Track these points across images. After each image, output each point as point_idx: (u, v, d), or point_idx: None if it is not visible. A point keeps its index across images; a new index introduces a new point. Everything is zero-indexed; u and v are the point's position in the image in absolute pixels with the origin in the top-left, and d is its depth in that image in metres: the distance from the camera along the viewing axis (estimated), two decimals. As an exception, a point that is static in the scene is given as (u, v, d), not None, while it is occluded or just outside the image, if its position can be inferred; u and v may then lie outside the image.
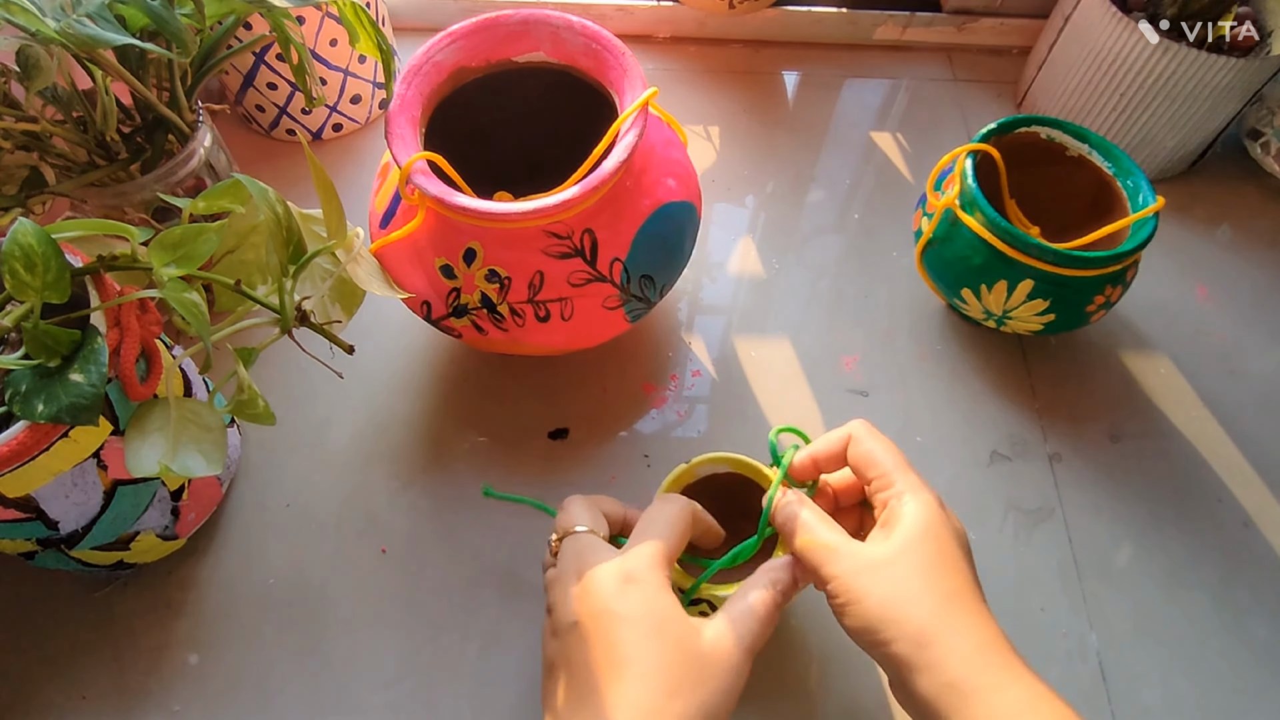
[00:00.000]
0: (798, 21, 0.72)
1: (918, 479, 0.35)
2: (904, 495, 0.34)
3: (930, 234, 0.52)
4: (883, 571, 0.32)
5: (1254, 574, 0.47)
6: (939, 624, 0.31)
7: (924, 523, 0.33)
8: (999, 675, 0.30)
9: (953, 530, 0.34)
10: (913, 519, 0.33)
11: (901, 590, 0.31)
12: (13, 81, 0.39)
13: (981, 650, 0.30)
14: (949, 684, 0.30)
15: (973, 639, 0.31)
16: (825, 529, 0.35)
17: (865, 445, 0.36)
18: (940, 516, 0.34)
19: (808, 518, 0.35)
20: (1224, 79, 0.56)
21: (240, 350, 0.36)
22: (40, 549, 0.39)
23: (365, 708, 0.42)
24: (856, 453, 0.37)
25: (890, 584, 0.32)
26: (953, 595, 0.31)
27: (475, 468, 0.49)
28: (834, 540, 0.34)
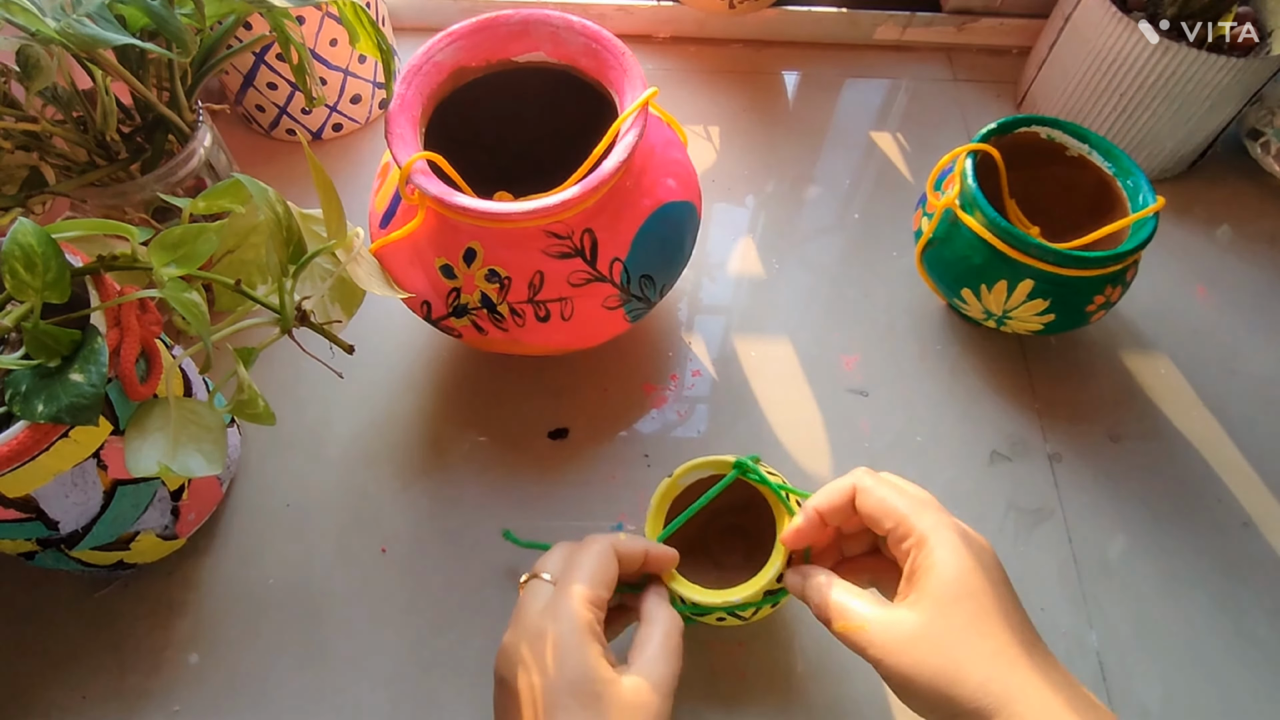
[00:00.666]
0: (798, 21, 0.72)
1: (936, 517, 0.33)
2: (926, 543, 0.32)
3: (930, 234, 0.52)
4: (924, 644, 0.30)
5: (1253, 574, 0.47)
6: (997, 691, 0.29)
7: (955, 573, 0.31)
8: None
9: (985, 567, 0.31)
10: (943, 572, 0.31)
11: (946, 665, 0.29)
12: (13, 81, 0.39)
13: (1047, 706, 0.28)
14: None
15: (1035, 698, 0.29)
16: (857, 602, 0.33)
17: (875, 495, 0.34)
18: (969, 559, 0.31)
19: (839, 599, 0.33)
20: (1224, 79, 0.56)
21: (240, 350, 0.36)
22: (40, 549, 0.39)
23: (365, 707, 0.42)
24: (866, 504, 0.34)
25: (936, 656, 0.30)
26: (999, 656, 0.29)
27: (475, 468, 0.49)
28: (868, 617, 0.32)
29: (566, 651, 0.32)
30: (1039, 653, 0.30)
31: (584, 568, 0.34)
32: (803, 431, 0.52)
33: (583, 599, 0.33)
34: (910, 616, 0.31)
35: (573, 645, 0.32)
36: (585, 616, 0.33)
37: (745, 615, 0.39)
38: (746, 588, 0.37)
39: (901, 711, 0.42)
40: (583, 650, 0.32)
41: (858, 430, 0.52)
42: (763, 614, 0.40)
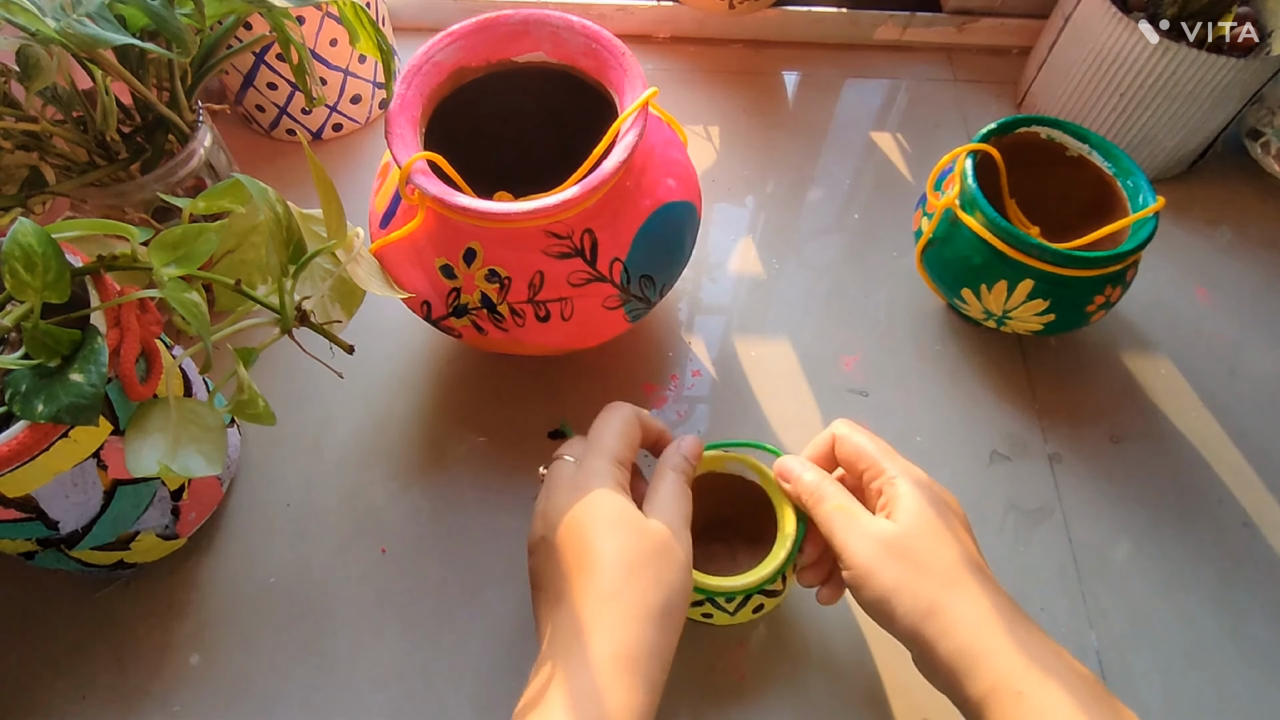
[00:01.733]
0: (798, 21, 0.72)
1: (905, 462, 0.38)
2: (895, 479, 0.37)
3: (930, 234, 0.52)
4: (891, 548, 0.35)
5: (1254, 575, 0.47)
6: (945, 595, 0.33)
7: (920, 500, 0.36)
8: (1005, 638, 0.32)
9: (947, 504, 0.37)
10: (910, 498, 0.36)
11: (908, 565, 0.34)
12: (13, 81, 0.39)
13: (986, 616, 0.33)
14: (958, 649, 0.32)
15: (977, 606, 0.33)
16: (837, 491, 0.38)
17: (851, 441, 0.39)
18: (933, 493, 0.37)
19: (829, 488, 0.38)
20: (1224, 79, 0.56)
21: (240, 350, 0.36)
22: (40, 549, 0.39)
23: (366, 707, 0.42)
24: (844, 450, 0.39)
25: (898, 560, 0.34)
26: (955, 566, 0.34)
27: (475, 468, 0.49)
28: (855, 507, 0.37)
29: (600, 496, 0.35)
30: (986, 573, 0.35)
31: (609, 430, 0.38)
32: (803, 431, 0.51)
33: (609, 457, 0.37)
34: (883, 525, 0.36)
35: (604, 491, 0.35)
36: (614, 472, 0.36)
37: (730, 609, 0.39)
38: (749, 574, 0.38)
39: (902, 711, 0.42)
40: (615, 495, 0.35)
41: (858, 430, 0.52)
42: (743, 616, 0.39)
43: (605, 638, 0.32)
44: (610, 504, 0.35)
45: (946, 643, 0.33)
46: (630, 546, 0.34)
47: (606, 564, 0.33)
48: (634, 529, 0.34)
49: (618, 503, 0.35)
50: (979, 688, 0.32)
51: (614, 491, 0.35)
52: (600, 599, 0.32)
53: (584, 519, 0.35)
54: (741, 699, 0.43)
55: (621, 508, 0.35)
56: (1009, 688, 0.31)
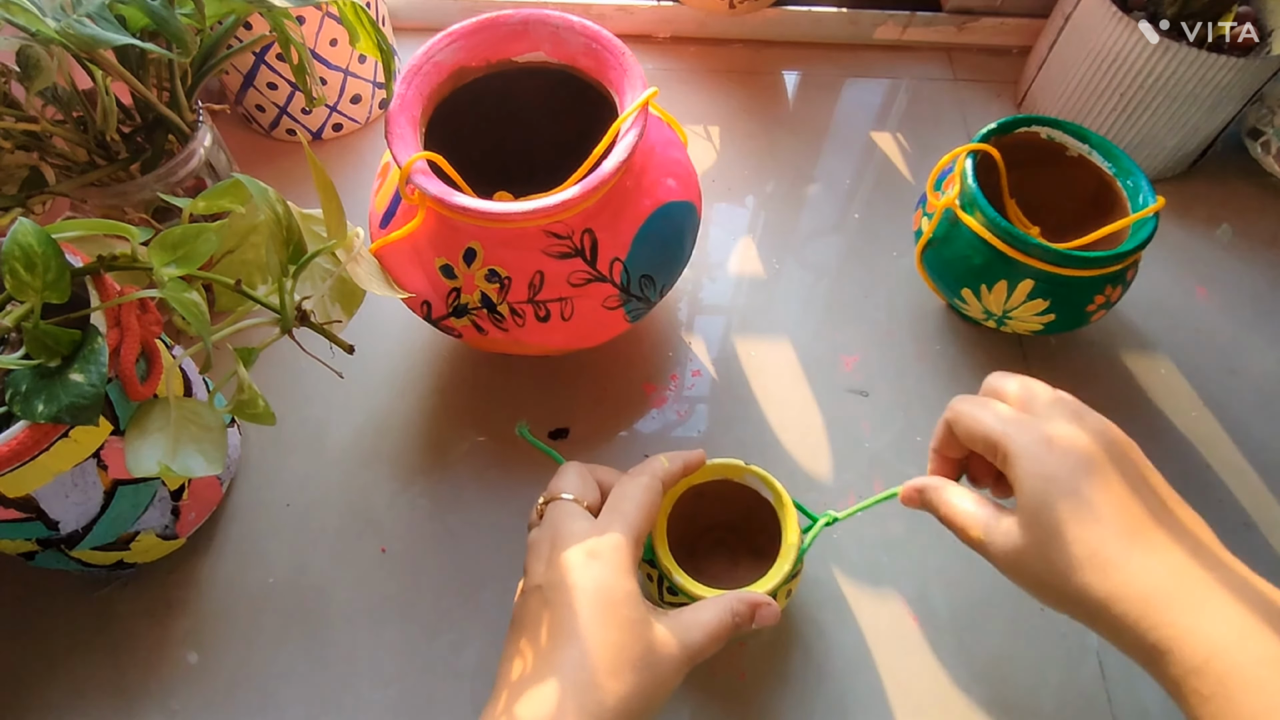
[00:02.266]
0: (798, 21, 0.72)
1: (1016, 427, 0.32)
2: (1009, 454, 0.32)
3: (930, 234, 0.52)
4: (1023, 555, 0.31)
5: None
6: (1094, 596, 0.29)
7: (1036, 481, 0.31)
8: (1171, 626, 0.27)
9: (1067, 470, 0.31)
10: (1025, 482, 0.31)
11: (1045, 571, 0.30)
12: (13, 81, 0.39)
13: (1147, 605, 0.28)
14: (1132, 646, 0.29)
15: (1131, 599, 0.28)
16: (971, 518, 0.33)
17: (964, 422, 0.34)
18: (1048, 468, 0.31)
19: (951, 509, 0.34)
20: (1224, 79, 0.56)
21: (240, 350, 0.36)
22: (40, 549, 0.39)
23: (365, 707, 0.42)
24: (961, 433, 0.35)
25: (1034, 567, 0.31)
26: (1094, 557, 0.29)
27: (475, 468, 0.49)
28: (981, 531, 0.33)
29: (614, 574, 0.32)
30: (1141, 541, 0.29)
31: (635, 500, 0.35)
32: (803, 431, 0.51)
33: (631, 533, 0.34)
34: (1015, 527, 0.31)
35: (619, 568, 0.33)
36: (632, 552, 0.34)
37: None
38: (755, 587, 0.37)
39: (903, 711, 0.42)
40: (627, 577, 0.33)
41: (858, 430, 0.52)
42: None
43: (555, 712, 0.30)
44: (617, 587, 0.32)
45: (1120, 640, 0.29)
46: (622, 645, 0.31)
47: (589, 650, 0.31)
48: (633, 625, 0.32)
49: (625, 589, 0.32)
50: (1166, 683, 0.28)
51: (628, 577, 0.33)
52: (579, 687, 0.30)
53: (584, 590, 0.32)
54: (742, 699, 0.43)
55: (626, 593, 0.32)
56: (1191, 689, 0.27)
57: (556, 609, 0.32)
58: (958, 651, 0.44)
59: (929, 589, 0.46)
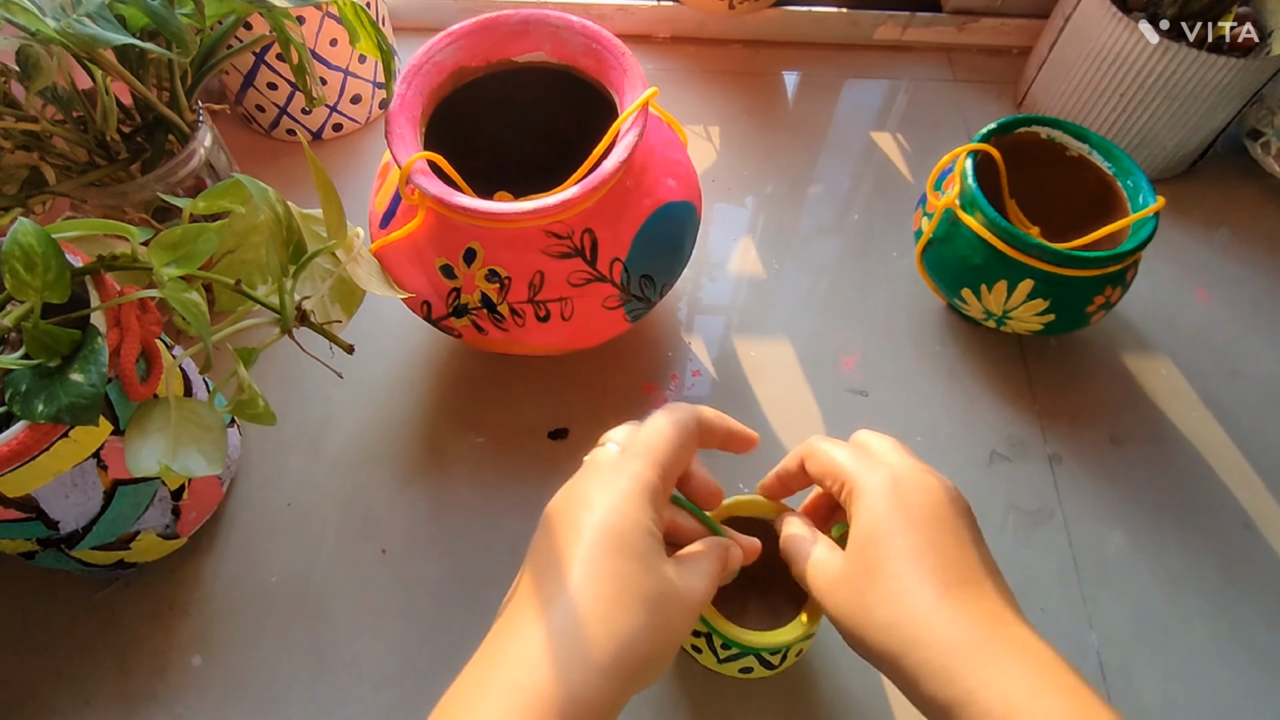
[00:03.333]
0: (798, 21, 0.72)
1: (869, 465, 0.32)
2: (856, 490, 0.32)
3: (930, 234, 0.52)
4: (841, 590, 0.31)
5: (1254, 576, 0.47)
6: (904, 634, 0.28)
7: (872, 517, 0.31)
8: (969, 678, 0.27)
9: (907, 508, 0.30)
10: (861, 517, 0.31)
11: (859, 604, 0.30)
12: (13, 81, 0.39)
13: (950, 655, 0.28)
14: (928, 697, 0.28)
15: (936, 646, 0.28)
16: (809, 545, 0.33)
17: (817, 458, 0.34)
18: (890, 502, 0.31)
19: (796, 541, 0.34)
20: (1224, 79, 0.56)
21: (240, 350, 0.36)
22: (40, 549, 0.39)
23: (367, 706, 0.42)
24: (813, 468, 0.34)
25: (850, 603, 0.30)
26: (910, 593, 0.29)
27: (475, 468, 0.49)
28: (813, 560, 0.33)
29: (625, 500, 0.30)
30: (953, 594, 0.29)
31: (659, 431, 0.32)
32: (803, 432, 0.51)
33: (650, 459, 0.31)
34: (838, 561, 0.32)
35: (632, 494, 0.30)
36: (646, 475, 0.30)
37: (720, 655, 0.38)
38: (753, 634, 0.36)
39: (903, 711, 0.42)
40: (640, 506, 0.30)
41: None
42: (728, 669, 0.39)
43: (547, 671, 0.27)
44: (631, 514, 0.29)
45: (916, 690, 0.28)
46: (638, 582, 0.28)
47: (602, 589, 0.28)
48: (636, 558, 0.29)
49: (638, 519, 0.29)
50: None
51: (641, 508, 0.30)
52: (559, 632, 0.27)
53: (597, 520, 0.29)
54: (742, 698, 0.43)
55: (637, 527, 0.29)
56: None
57: (562, 535, 0.30)
58: (958, 652, 0.44)
59: (929, 589, 0.46)
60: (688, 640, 0.39)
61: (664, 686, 0.43)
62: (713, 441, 0.35)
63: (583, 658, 0.27)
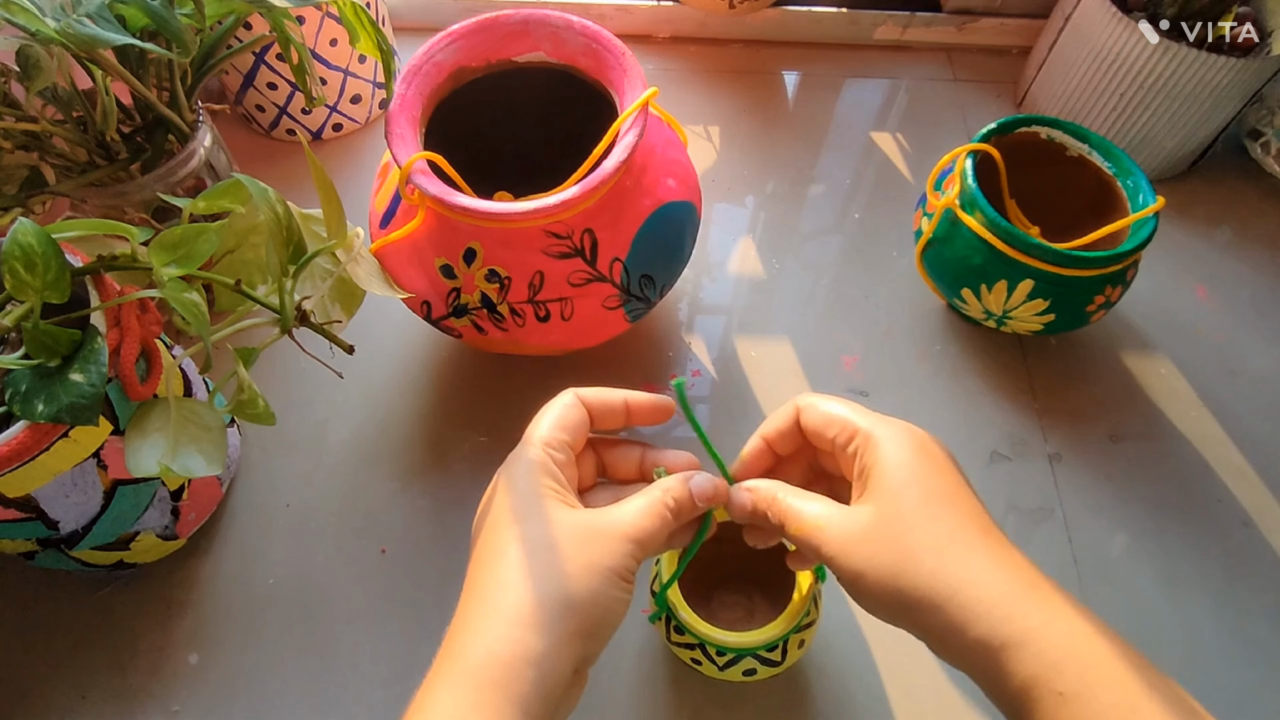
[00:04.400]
0: (798, 21, 0.72)
1: (877, 416, 0.31)
2: (871, 439, 0.30)
3: (930, 234, 0.52)
4: (873, 538, 0.29)
5: (1253, 574, 0.47)
6: (947, 576, 0.27)
7: (900, 461, 0.29)
8: (1030, 620, 0.26)
9: (930, 454, 0.30)
10: (888, 462, 0.29)
11: (897, 553, 0.28)
12: (13, 81, 0.39)
13: (1003, 597, 0.27)
14: (979, 642, 0.27)
15: (991, 586, 0.27)
16: (811, 504, 0.31)
17: (819, 408, 0.32)
18: (914, 447, 0.30)
19: (792, 502, 0.31)
20: (1224, 79, 0.56)
21: (240, 350, 0.36)
22: (40, 549, 0.39)
23: (366, 706, 0.42)
24: (810, 419, 0.33)
25: (884, 550, 0.28)
26: (951, 540, 0.28)
27: (475, 468, 0.49)
28: (821, 516, 0.30)
29: (512, 481, 0.31)
30: (992, 537, 0.28)
31: (544, 416, 0.33)
32: (803, 431, 0.51)
33: (538, 440, 0.32)
34: (863, 511, 0.29)
35: (519, 475, 0.31)
36: (538, 456, 0.31)
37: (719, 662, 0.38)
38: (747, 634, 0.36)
39: (903, 710, 0.42)
40: (529, 478, 0.30)
41: (858, 430, 0.52)
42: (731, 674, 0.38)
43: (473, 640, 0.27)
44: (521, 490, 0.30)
45: (963, 636, 0.27)
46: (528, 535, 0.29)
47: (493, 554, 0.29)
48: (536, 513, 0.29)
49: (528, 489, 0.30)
50: (1013, 684, 0.26)
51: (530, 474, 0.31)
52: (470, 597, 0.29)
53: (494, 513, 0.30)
54: (742, 698, 0.43)
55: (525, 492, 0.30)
56: (1048, 688, 0.26)
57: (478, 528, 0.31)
58: (958, 651, 0.44)
59: (929, 589, 0.46)
60: (685, 654, 0.39)
61: (663, 691, 0.43)
62: (610, 418, 0.35)
63: (495, 614, 0.27)
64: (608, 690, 0.42)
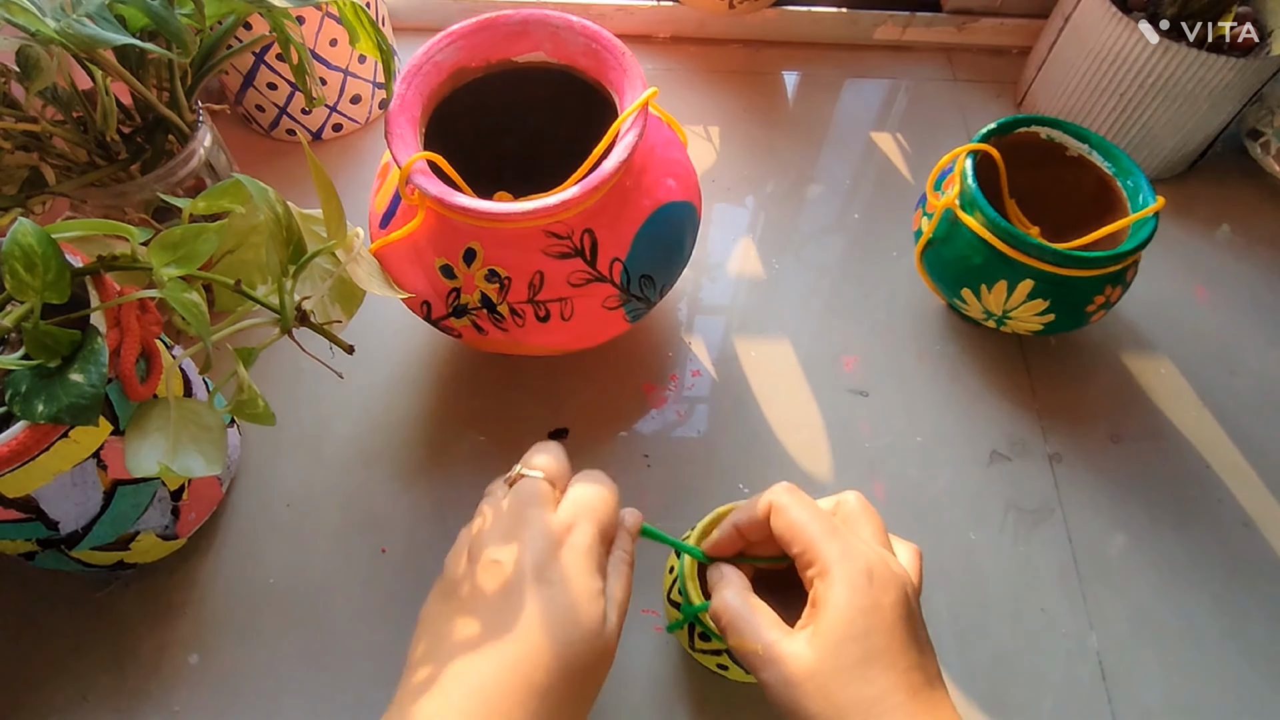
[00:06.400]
0: (798, 21, 0.72)
1: (844, 547, 0.32)
2: (828, 575, 0.31)
3: (930, 234, 0.52)
4: (806, 684, 0.30)
5: (1254, 575, 0.47)
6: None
7: (849, 613, 0.30)
8: None
9: (882, 607, 0.31)
10: (837, 610, 0.30)
11: (830, 704, 0.29)
12: (13, 81, 0.39)
13: None
14: None
15: None
16: (760, 626, 0.32)
17: (788, 516, 0.33)
18: (867, 598, 0.30)
19: (741, 612, 0.33)
20: (1224, 79, 0.56)
21: (240, 350, 0.36)
22: (40, 549, 0.39)
23: (366, 707, 0.42)
24: (779, 525, 0.34)
25: (816, 699, 0.30)
26: (880, 703, 0.29)
27: (475, 468, 0.49)
28: (765, 644, 0.32)
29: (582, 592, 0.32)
30: (920, 700, 0.30)
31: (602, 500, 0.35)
32: (803, 432, 0.52)
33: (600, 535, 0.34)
34: (803, 652, 0.31)
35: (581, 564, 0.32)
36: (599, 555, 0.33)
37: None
38: None
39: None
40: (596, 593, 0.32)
41: (858, 430, 0.52)
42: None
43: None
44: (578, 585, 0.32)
45: None
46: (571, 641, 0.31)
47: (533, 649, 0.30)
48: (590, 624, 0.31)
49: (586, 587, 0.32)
50: None
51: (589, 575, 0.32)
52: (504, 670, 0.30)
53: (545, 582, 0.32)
54: (742, 699, 0.43)
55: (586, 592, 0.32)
56: None
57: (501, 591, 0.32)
58: (958, 651, 0.44)
59: (930, 589, 0.46)
60: (711, 660, 0.39)
61: (662, 691, 0.43)
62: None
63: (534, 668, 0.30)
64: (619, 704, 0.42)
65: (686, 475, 0.50)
